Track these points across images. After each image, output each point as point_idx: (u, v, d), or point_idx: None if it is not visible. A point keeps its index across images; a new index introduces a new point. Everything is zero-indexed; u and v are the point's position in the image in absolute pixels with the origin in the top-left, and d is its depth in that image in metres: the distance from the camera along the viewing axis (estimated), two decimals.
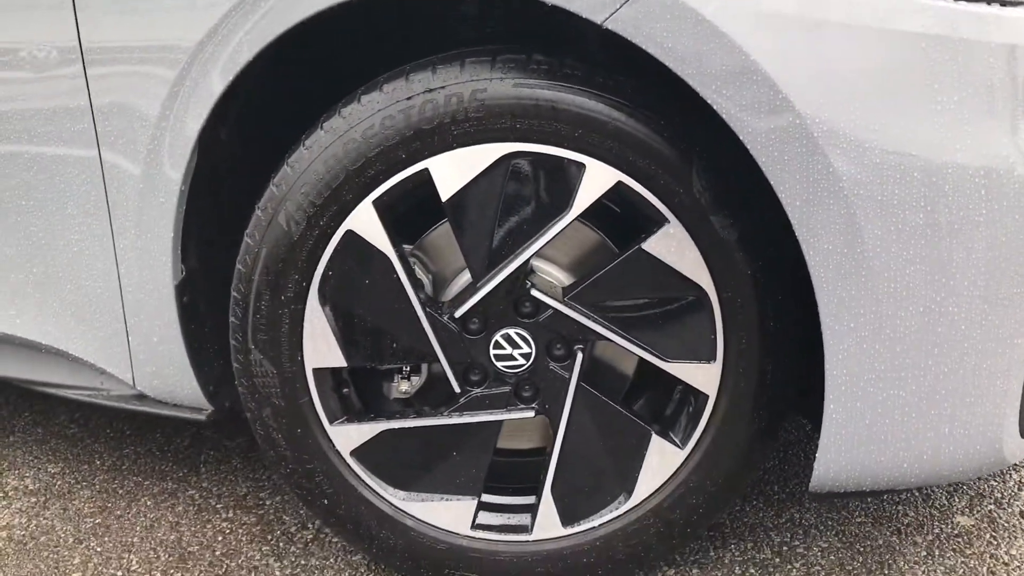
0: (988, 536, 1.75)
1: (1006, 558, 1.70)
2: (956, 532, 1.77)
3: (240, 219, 1.72)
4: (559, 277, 1.57)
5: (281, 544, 1.83)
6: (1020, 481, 1.92)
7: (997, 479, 1.92)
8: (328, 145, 1.43)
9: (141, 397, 1.80)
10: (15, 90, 1.61)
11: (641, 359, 1.63)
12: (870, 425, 1.36)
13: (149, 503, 1.98)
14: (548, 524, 1.59)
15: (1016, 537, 1.75)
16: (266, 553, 1.81)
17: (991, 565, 1.68)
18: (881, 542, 1.75)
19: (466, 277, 1.58)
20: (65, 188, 1.65)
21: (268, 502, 1.97)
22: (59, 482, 2.07)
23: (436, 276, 1.59)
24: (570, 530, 1.59)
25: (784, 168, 1.27)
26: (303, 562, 1.77)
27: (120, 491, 2.03)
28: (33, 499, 2.01)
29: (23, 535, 1.88)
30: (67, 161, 1.63)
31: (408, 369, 1.59)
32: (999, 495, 1.88)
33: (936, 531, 1.78)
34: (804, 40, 1.24)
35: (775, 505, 1.88)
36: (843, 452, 1.38)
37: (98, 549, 1.84)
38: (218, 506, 1.97)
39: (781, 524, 1.82)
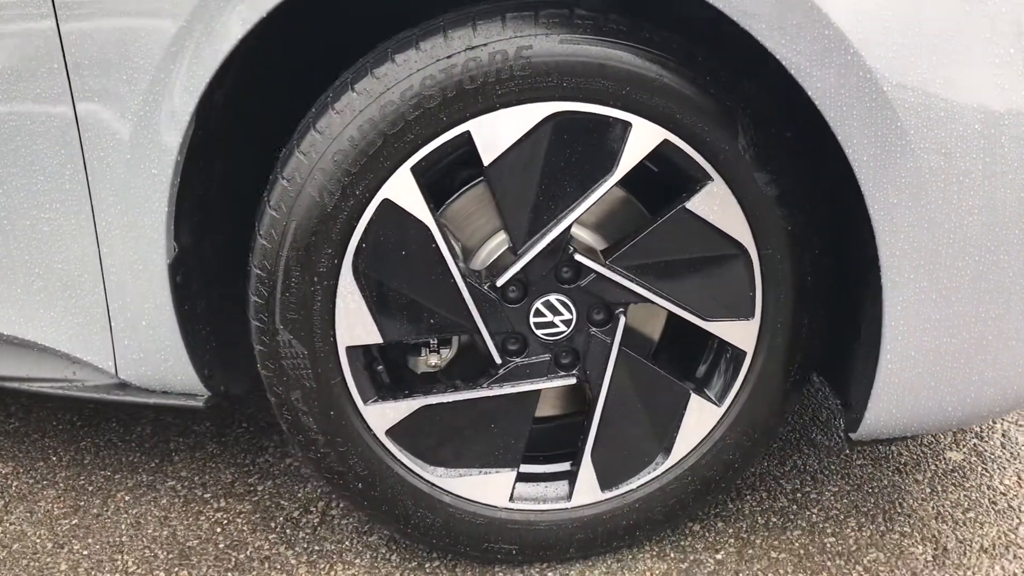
0: (980, 469, 1.85)
1: (1002, 488, 1.79)
2: (951, 468, 1.86)
3: (234, 191, 1.60)
4: (590, 241, 1.53)
5: (288, 530, 1.74)
6: None
7: None
8: (363, 108, 1.33)
9: (123, 386, 1.66)
10: None
11: (667, 321, 1.63)
12: (922, 373, 1.39)
13: (127, 498, 1.84)
14: (587, 490, 1.56)
15: (1004, 468, 1.85)
16: (274, 541, 1.71)
17: (991, 496, 1.77)
18: (886, 482, 1.81)
19: (492, 245, 1.53)
20: (33, 160, 1.49)
21: (260, 488, 1.87)
22: (15, 483, 1.90)
23: (463, 245, 1.52)
24: (609, 494, 1.57)
25: (853, 123, 1.26)
26: (317, 547, 1.69)
27: (90, 488, 1.88)
28: None
29: None
30: (35, 131, 1.47)
31: (436, 342, 1.52)
32: (978, 428, 1.98)
33: (932, 468, 1.86)
34: None
35: (776, 454, 1.92)
36: (894, 400, 1.41)
37: (84, 552, 1.69)
38: (206, 496, 1.84)
39: (788, 472, 1.86)
